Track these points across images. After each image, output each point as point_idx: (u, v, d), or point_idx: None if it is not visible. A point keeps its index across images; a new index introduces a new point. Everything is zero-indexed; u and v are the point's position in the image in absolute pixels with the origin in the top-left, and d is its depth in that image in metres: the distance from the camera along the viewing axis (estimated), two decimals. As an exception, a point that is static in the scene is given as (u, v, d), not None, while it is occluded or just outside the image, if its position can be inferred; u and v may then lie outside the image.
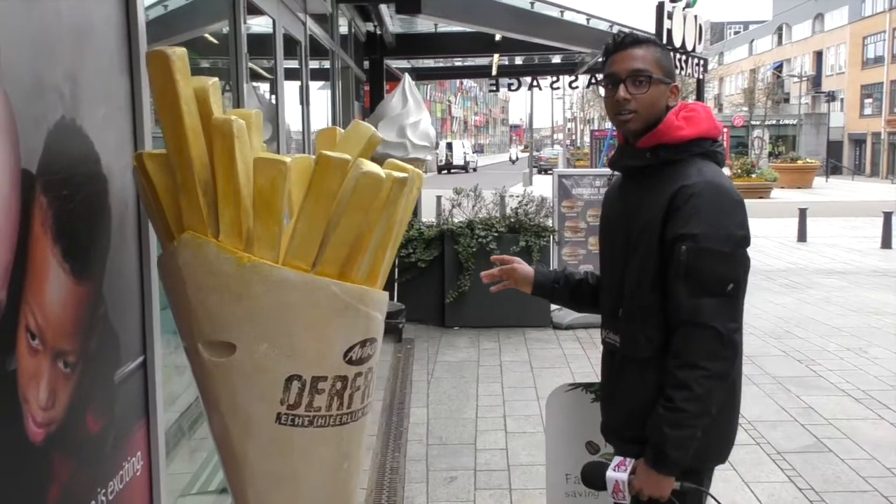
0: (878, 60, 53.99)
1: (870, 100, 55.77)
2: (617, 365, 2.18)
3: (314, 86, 6.67)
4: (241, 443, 2.02)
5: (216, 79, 1.92)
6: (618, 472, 2.06)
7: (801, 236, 14.97)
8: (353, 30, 8.55)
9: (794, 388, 5.77)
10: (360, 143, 2.15)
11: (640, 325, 2.09)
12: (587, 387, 2.54)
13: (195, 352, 1.98)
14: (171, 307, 2.02)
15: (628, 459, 2.08)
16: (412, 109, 6.80)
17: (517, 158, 70.77)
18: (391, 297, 7.39)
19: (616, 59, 2.14)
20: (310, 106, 5.53)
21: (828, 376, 6.06)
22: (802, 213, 15.27)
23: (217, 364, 1.97)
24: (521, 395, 5.64)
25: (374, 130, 2.17)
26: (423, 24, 10.07)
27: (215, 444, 2.09)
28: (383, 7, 8.10)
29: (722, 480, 4.21)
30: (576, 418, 2.56)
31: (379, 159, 6.28)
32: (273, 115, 4.41)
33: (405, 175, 2.06)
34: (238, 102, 3.43)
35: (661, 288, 2.04)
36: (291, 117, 5.58)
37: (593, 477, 2.13)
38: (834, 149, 56.05)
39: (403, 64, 13.42)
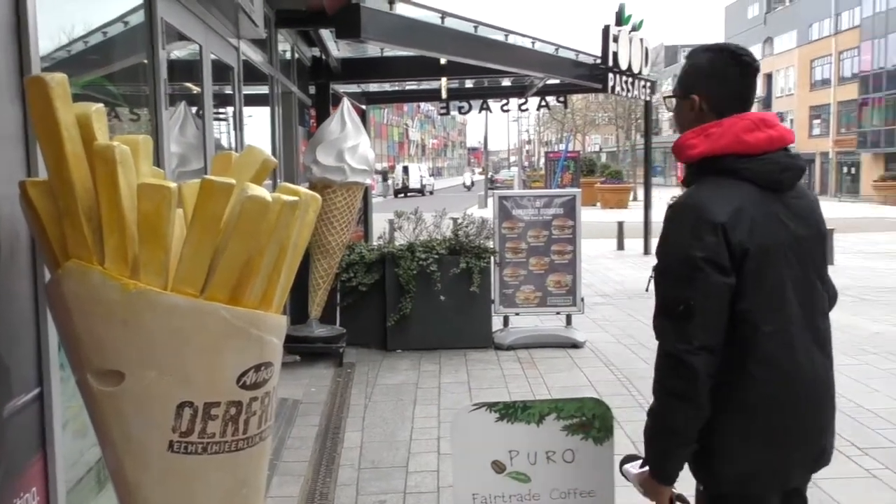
0: (826, 83, 55.39)
1: (818, 120, 57.10)
2: None
3: (253, 111, 6.67)
4: (134, 473, 2.00)
5: (100, 105, 1.92)
6: (634, 467, 2.26)
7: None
8: (296, 55, 8.57)
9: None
10: (252, 167, 2.16)
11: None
12: (491, 406, 2.57)
13: (85, 382, 1.96)
14: (59, 337, 2.01)
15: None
16: (351, 133, 6.83)
17: (472, 184, 65.61)
18: (332, 322, 7.39)
19: None
20: (243, 131, 5.52)
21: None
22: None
23: (106, 393, 1.95)
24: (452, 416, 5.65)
25: (268, 155, 2.18)
26: (371, 49, 10.13)
27: (110, 475, 2.07)
28: (325, 32, 8.14)
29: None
30: (481, 438, 2.58)
31: (318, 183, 6.31)
32: (201, 141, 4.41)
33: (295, 199, 2.07)
34: (156, 128, 3.43)
35: None
36: (225, 143, 5.58)
37: (621, 468, 2.34)
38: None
39: (353, 88, 13.46)
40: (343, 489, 4.44)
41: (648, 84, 15.43)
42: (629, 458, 2.32)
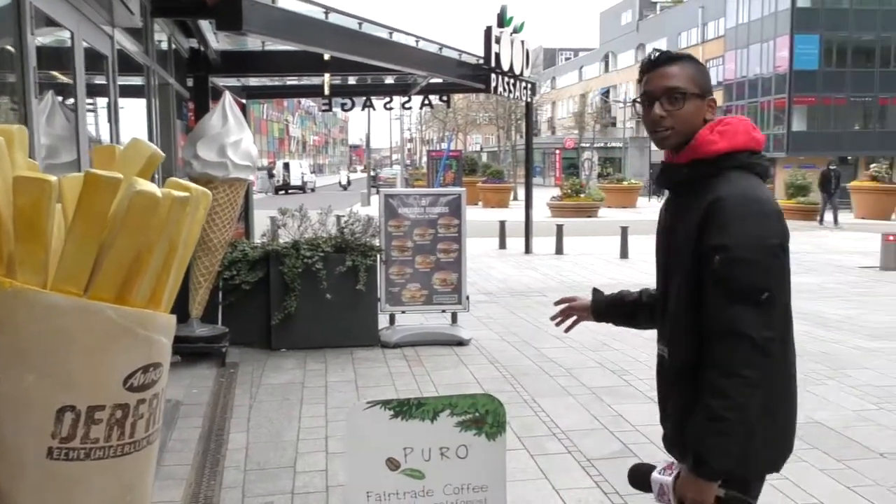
0: (693, 88, 57.78)
1: (687, 125, 59.66)
2: (667, 375, 2.26)
3: (128, 103, 6.41)
4: (10, 482, 1.90)
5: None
6: (663, 475, 2.08)
7: (624, 253, 15.77)
8: (173, 45, 8.29)
9: (607, 398, 6.06)
10: (139, 161, 2.07)
11: (683, 335, 2.15)
12: (385, 404, 2.56)
13: (-42, 387, 1.84)
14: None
15: (675, 463, 2.10)
16: (233, 128, 6.66)
17: (349, 182, 63.37)
18: (214, 321, 7.20)
19: (651, 78, 2.18)
20: (118, 123, 5.30)
21: (638, 385, 6.41)
22: (624, 231, 16.09)
23: (-20, 399, 1.84)
24: (345, 414, 5.60)
25: (156, 149, 2.10)
26: (251, 42, 9.91)
27: (-16, 485, 1.95)
28: (204, 23, 7.90)
29: (533, 490, 4.35)
30: (375, 436, 2.57)
31: (199, 178, 6.13)
32: (72, 133, 4.20)
33: (186, 194, 2.01)
34: (26, 118, 3.24)
35: (699, 299, 2.09)
36: (100, 134, 5.34)
37: (640, 478, 2.15)
38: (657, 170, 59.42)
39: (232, 82, 13.14)
40: (228, 492, 4.33)
41: (529, 86, 15.75)
42: (642, 467, 2.19)
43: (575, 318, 2.75)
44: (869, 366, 7.03)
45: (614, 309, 2.66)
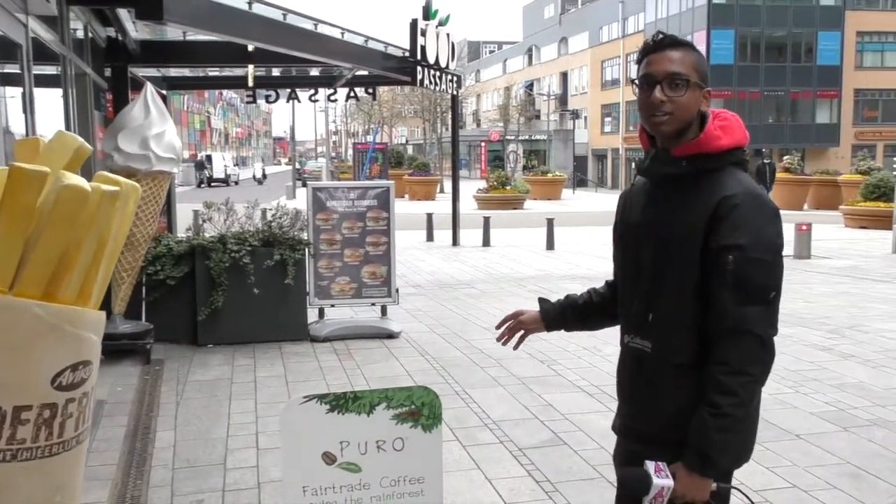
0: (615, 83, 59.07)
1: (609, 118, 60.88)
2: (648, 371, 2.18)
3: (43, 93, 6.20)
4: (-70, 487, 1.83)
5: None
6: (661, 478, 2.04)
7: (550, 245, 15.99)
8: (90, 34, 8.03)
9: (536, 388, 6.15)
10: (65, 154, 2.02)
11: (677, 331, 2.11)
12: (321, 398, 2.55)
13: None
14: None
15: (662, 464, 2.06)
16: (155, 120, 6.50)
17: (264, 176, 60.57)
18: (138, 317, 7.03)
19: (653, 60, 2.09)
20: (34, 115, 5.12)
21: (566, 374, 6.52)
22: (550, 224, 16.31)
23: None
24: (275, 410, 5.55)
25: (83, 142, 2.04)
26: (172, 32, 9.68)
27: None
28: (123, 12, 7.69)
29: (467, 480, 4.39)
30: (312, 430, 2.56)
31: (121, 171, 6.00)
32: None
33: (116, 188, 1.96)
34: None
35: (701, 296, 2.05)
36: (14, 126, 5.15)
37: (637, 483, 2.06)
38: (580, 163, 60.61)
39: (152, 72, 12.82)
40: (156, 490, 4.24)
41: (455, 78, 15.80)
42: (641, 473, 2.08)
43: (522, 332, 2.61)
44: (785, 351, 7.31)
45: (566, 315, 2.57)
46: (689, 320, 2.08)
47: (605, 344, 7.56)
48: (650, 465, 2.06)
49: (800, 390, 6.07)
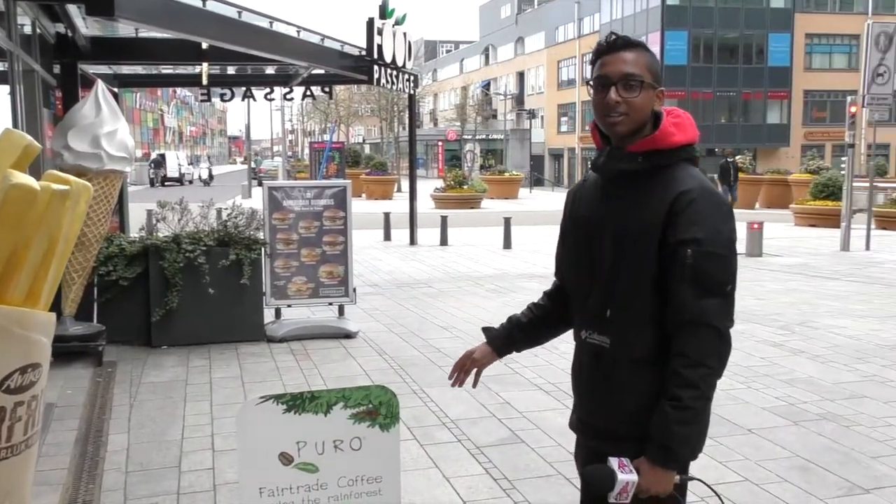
0: (571, 83, 59.54)
1: (565, 118, 61.33)
2: (606, 366, 2.18)
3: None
4: None
5: None
6: (625, 473, 2.04)
7: (507, 244, 16.06)
8: (38, 30, 7.87)
9: (494, 386, 6.16)
10: (13, 153, 1.97)
11: (635, 327, 2.12)
12: (278, 398, 2.53)
13: None
14: None
15: (625, 460, 2.07)
16: (107, 118, 6.40)
17: (210, 177, 56.70)
18: (90, 319, 6.91)
19: (607, 61, 2.12)
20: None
21: (523, 373, 6.55)
22: (507, 223, 16.38)
23: None
24: (231, 411, 5.49)
25: (31, 140, 2.00)
26: (124, 28, 9.52)
27: None
28: (72, 7, 7.54)
29: (424, 479, 4.40)
30: (268, 431, 2.54)
31: (71, 170, 5.87)
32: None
33: (66, 187, 1.93)
34: None
35: (659, 291, 2.08)
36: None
37: (602, 481, 2.06)
38: (536, 162, 60.96)
39: (103, 69, 12.60)
40: (109, 495, 4.17)
41: (412, 78, 15.79)
42: (605, 470, 2.08)
43: (475, 369, 2.61)
44: (737, 347, 7.38)
45: (514, 336, 2.57)
46: (647, 315, 2.10)
47: (562, 342, 7.60)
48: (613, 462, 2.07)
49: (751, 386, 6.18)
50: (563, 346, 7.30)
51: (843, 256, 14.78)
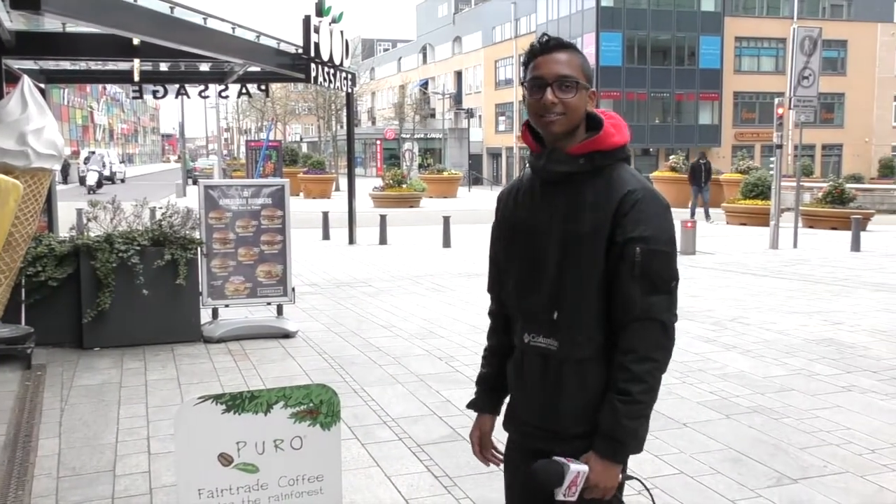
0: (509, 82, 59.99)
1: (503, 117, 61.77)
2: (553, 368, 2.17)
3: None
4: None
5: None
6: (576, 464, 2.05)
7: (446, 242, 16.09)
8: (-39, 24, 7.60)
9: (435, 384, 6.18)
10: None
11: (583, 327, 2.12)
12: (217, 398, 2.50)
13: None
14: None
15: (570, 458, 2.08)
16: (34, 115, 6.19)
17: (99, 184, 40.93)
18: (17, 321, 6.71)
19: (541, 63, 2.13)
20: None
21: (464, 371, 6.57)
22: (446, 221, 16.42)
23: None
24: (167, 413, 5.39)
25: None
26: (51, 22, 9.25)
27: None
28: (-4, 0, 7.29)
29: (365, 478, 4.38)
30: (207, 432, 2.50)
31: (-4, 168, 5.55)
32: None
33: (-6, 184, 1.88)
34: None
35: (604, 290, 2.10)
36: None
37: (553, 474, 2.05)
38: (475, 161, 61.27)
39: (29, 64, 12.22)
40: (40, 501, 4.06)
41: (349, 76, 15.71)
42: (553, 463, 2.09)
43: (488, 440, 2.47)
44: (672, 343, 7.59)
45: (496, 390, 2.44)
46: (593, 315, 2.13)
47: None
48: (560, 459, 2.09)
49: (686, 381, 6.31)
50: (502, 344, 7.35)
51: (772, 254, 15.21)
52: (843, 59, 54.26)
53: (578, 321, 2.13)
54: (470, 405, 2.50)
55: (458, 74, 67.93)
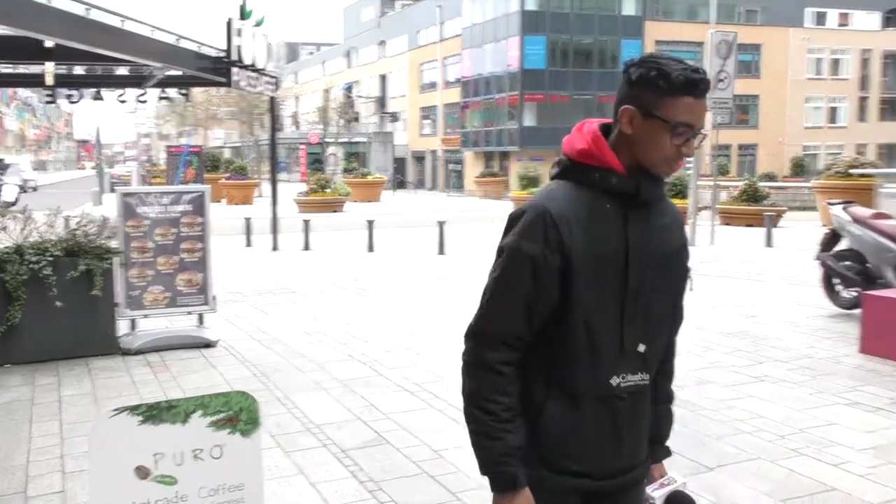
0: (433, 86, 60.15)
1: (427, 121, 61.91)
2: (641, 404, 2.06)
3: None
4: None
5: None
6: (673, 484, 2.20)
7: (370, 246, 16.05)
8: None
9: (359, 389, 6.17)
10: None
11: (661, 352, 2.13)
12: (133, 409, 2.45)
13: None
14: None
15: (655, 483, 2.18)
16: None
17: (16, 200, 36.88)
18: (-77, 337, 6.42)
19: (696, 108, 1.88)
20: None
21: (388, 375, 6.58)
22: (370, 225, 16.38)
23: None
24: (83, 430, 5.24)
25: None
26: (-44, 25, 8.91)
27: None
28: None
29: (288, 486, 4.35)
30: (123, 445, 2.45)
31: None
32: None
33: None
34: None
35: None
36: None
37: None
38: (399, 164, 61.24)
39: (-68, 68, 11.75)
40: (-51, 526, 3.91)
41: (273, 80, 15.53)
42: (682, 496, 2.20)
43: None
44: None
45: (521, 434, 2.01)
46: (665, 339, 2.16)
47: (425, 343, 7.71)
48: (655, 485, 2.18)
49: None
50: (426, 349, 7.40)
51: (690, 251, 15.57)
52: (757, 62, 56.10)
53: (660, 348, 2.10)
54: (505, 486, 1.94)
55: (383, 78, 67.84)
